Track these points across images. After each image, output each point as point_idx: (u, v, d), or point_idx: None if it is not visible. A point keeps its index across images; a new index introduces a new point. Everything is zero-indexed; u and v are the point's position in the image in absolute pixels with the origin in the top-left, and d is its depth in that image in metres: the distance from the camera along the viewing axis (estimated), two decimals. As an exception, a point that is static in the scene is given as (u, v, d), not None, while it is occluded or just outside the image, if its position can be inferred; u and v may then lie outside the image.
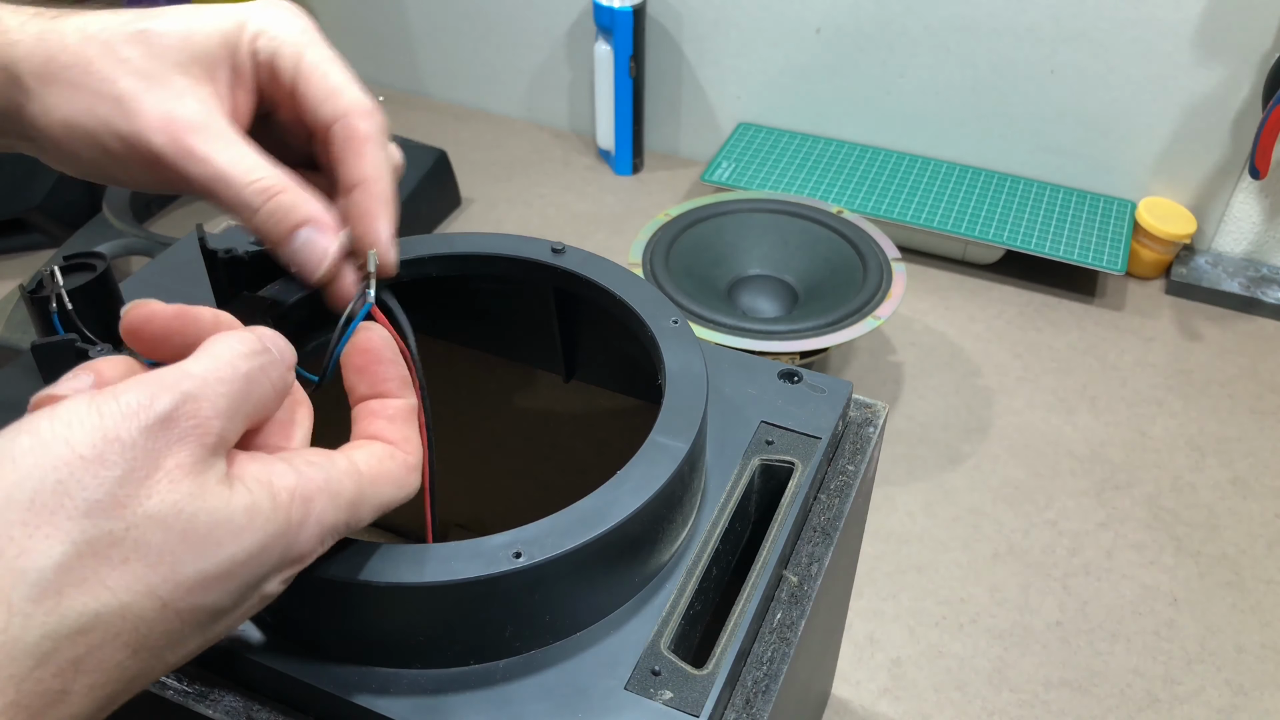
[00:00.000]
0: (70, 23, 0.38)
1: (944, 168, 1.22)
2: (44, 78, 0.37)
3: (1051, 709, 0.74)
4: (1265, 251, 1.15)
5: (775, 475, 0.45)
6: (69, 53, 0.37)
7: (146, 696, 0.37)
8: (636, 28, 1.21)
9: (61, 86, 0.37)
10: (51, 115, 0.37)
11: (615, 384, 0.53)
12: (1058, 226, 1.14)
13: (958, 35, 1.16)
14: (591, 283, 0.46)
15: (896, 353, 1.06)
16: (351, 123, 0.38)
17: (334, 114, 0.38)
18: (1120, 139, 1.16)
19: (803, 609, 0.41)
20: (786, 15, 1.22)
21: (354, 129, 0.38)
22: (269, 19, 0.39)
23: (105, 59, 0.37)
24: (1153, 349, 1.07)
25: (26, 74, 0.37)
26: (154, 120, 0.36)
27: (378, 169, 0.38)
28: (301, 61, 0.38)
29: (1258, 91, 1.06)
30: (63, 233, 1.14)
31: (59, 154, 0.38)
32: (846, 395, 0.48)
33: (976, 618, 0.81)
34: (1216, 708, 0.75)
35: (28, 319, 0.93)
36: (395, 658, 0.36)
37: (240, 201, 0.37)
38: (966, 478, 0.92)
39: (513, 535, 0.35)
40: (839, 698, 0.75)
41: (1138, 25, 1.08)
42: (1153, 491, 0.92)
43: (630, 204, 1.27)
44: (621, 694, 0.35)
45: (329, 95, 0.38)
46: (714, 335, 0.86)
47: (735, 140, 1.27)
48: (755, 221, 1.00)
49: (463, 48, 1.41)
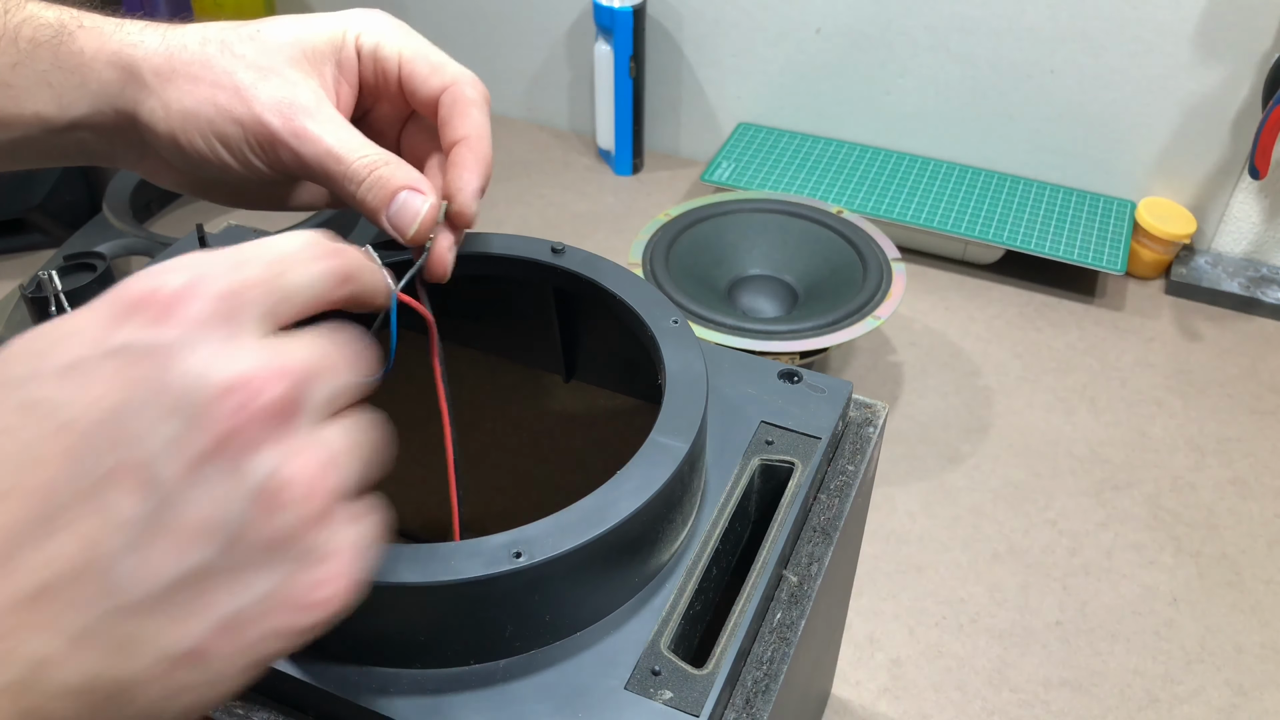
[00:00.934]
0: (189, 29, 0.42)
1: (944, 168, 1.22)
2: (165, 74, 0.40)
3: (1051, 709, 0.74)
4: (1265, 251, 1.15)
5: (775, 475, 0.45)
6: (189, 52, 0.41)
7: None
8: (636, 28, 1.21)
9: (181, 80, 0.40)
10: (171, 108, 0.40)
11: (615, 384, 0.53)
12: (1058, 226, 1.14)
13: (958, 35, 1.16)
14: (591, 283, 0.46)
15: (896, 353, 1.06)
16: (459, 89, 0.42)
17: (441, 84, 0.42)
18: (1120, 139, 1.16)
19: (803, 609, 0.41)
20: (786, 15, 1.22)
21: (460, 94, 0.42)
22: (369, 20, 0.43)
23: (223, 56, 0.41)
24: (1153, 349, 1.07)
25: (148, 72, 0.40)
26: (269, 104, 0.40)
27: (479, 128, 0.42)
28: (404, 49, 0.42)
29: (1257, 91, 1.06)
30: (63, 233, 1.14)
31: (173, 145, 0.41)
32: (846, 395, 0.48)
33: (976, 618, 0.81)
34: (1216, 707, 0.75)
35: (27, 319, 0.93)
36: (395, 658, 0.36)
37: (348, 174, 0.40)
38: (966, 478, 0.92)
39: (513, 535, 0.35)
40: (839, 698, 0.75)
41: (1138, 25, 1.08)
42: (1152, 491, 0.92)
43: (630, 204, 1.27)
44: (621, 694, 0.35)
45: (435, 70, 0.42)
46: (714, 335, 0.86)
47: (735, 140, 1.27)
48: (755, 221, 1.00)
49: (463, 48, 1.41)
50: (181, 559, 0.24)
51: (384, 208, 0.40)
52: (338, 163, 0.40)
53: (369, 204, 0.40)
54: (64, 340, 0.25)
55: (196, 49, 0.41)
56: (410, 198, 0.40)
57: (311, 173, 0.40)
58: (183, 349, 0.25)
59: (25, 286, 0.46)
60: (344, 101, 0.43)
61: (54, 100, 0.41)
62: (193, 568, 0.24)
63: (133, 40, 0.41)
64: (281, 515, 0.25)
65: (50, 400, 0.24)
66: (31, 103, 0.41)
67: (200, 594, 0.25)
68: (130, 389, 0.24)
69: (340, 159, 0.40)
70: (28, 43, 0.40)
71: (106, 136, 0.43)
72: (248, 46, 0.41)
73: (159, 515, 0.24)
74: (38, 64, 0.41)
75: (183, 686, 0.25)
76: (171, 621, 0.24)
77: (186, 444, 0.24)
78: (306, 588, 0.26)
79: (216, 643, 0.25)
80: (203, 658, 0.25)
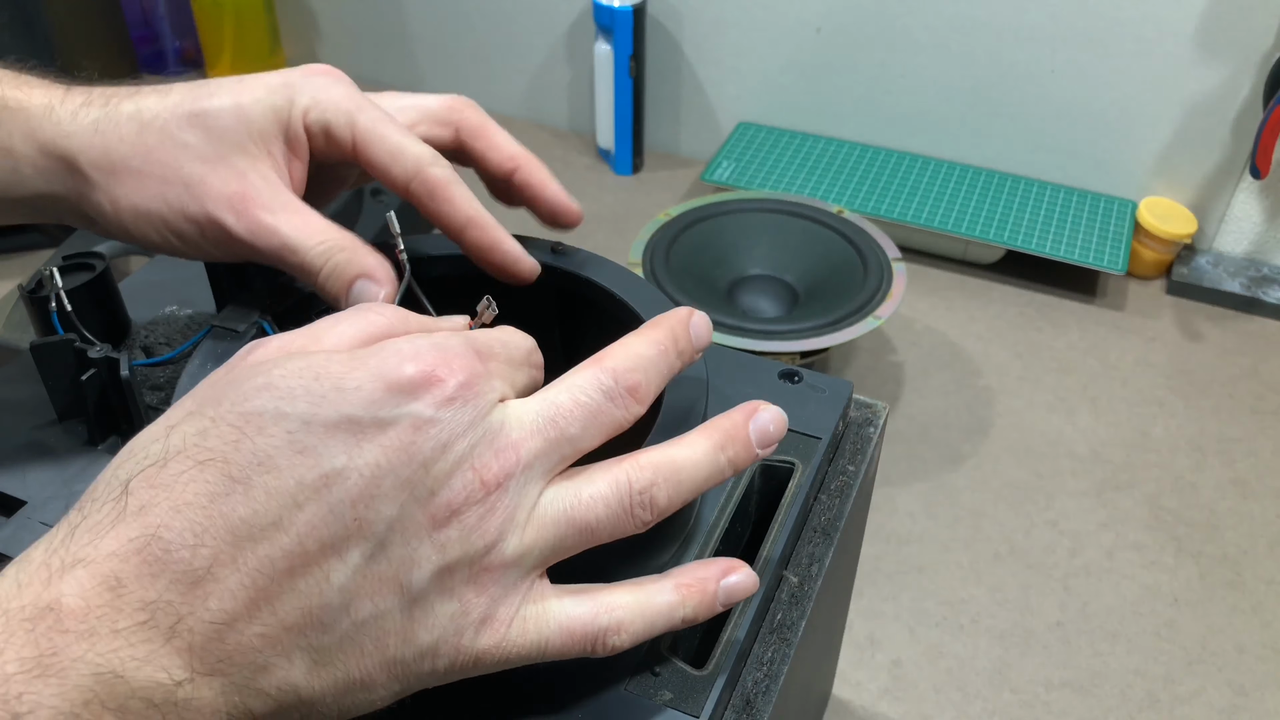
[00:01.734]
0: (123, 109, 0.40)
1: (944, 168, 1.22)
2: (105, 169, 0.39)
3: (1052, 709, 0.74)
4: (1266, 251, 1.15)
5: (775, 475, 0.44)
6: (127, 144, 0.39)
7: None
8: (636, 28, 1.21)
9: (125, 176, 0.39)
10: (120, 203, 0.39)
11: (615, 384, 0.53)
12: (1058, 226, 1.14)
13: (958, 35, 1.15)
14: (592, 283, 0.46)
15: (896, 353, 1.06)
16: (425, 176, 0.40)
17: (405, 174, 0.40)
18: (1120, 139, 1.16)
19: (803, 609, 0.41)
20: (786, 15, 1.21)
21: (430, 180, 0.40)
22: (315, 90, 0.41)
23: (165, 146, 0.39)
24: (1153, 349, 1.07)
25: (86, 165, 0.39)
26: (222, 200, 0.39)
27: (471, 206, 0.41)
28: (356, 128, 0.40)
29: (1258, 91, 1.06)
30: (63, 233, 1.14)
31: (126, 236, 0.40)
32: (847, 395, 0.48)
33: (977, 618, 0.81)
34: (1217, 708, 0.75)
35: (27, 319, 0.93)
36: (394, 658, 0.36)
37: (306, 264, 0.39)
38: (967, 478, 0.92)
39: (512, 535, 0.35)
40: (839, 698, 0.75)
41: (1138, 25, 1.08)
42: (1153, 492, 0.91)
43: (630, 204, 1.27)
44: (621, 694, 0.35)
45: (393, 158, 0.40)
46: (714, 335, 0.86)
47: (735, 140, 1.27)
48: (755, 221, 1.00)
49: (463, 48, 1.41)
50: (379, 603, 0.28)
51: (343, 296, 0.39)
52: (294, 253, 0.39)
53: (329, 293, 0.40)
54: (345, 394, 0.28)
55: (134, 139, 0.39)
56: (367, 287, 0.39)
57: (270, 263, 0.40)
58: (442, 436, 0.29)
59: (26, 285, 0.46)
60: (296, 178, 0.41)
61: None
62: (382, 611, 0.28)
63: (65, 130, 0.39)
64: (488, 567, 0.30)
65: (325, 450, 0.27)
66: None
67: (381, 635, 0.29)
68: (391, 456, 0.28)
69: (295, 249, 0.39)
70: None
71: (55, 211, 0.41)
72: (191, 133, 0.39)
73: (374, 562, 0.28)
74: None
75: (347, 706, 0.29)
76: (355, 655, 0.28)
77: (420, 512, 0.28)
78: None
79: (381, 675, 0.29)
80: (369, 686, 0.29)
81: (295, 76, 0.41)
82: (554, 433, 0.31)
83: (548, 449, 0.31)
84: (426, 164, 0.40)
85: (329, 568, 0.27)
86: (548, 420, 0.31)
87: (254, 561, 0.26)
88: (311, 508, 0.27)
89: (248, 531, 0.26)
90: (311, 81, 0.41)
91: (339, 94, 0.41)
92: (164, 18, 1.45)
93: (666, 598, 0.33)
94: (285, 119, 0.40)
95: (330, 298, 0.40)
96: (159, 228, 0.39)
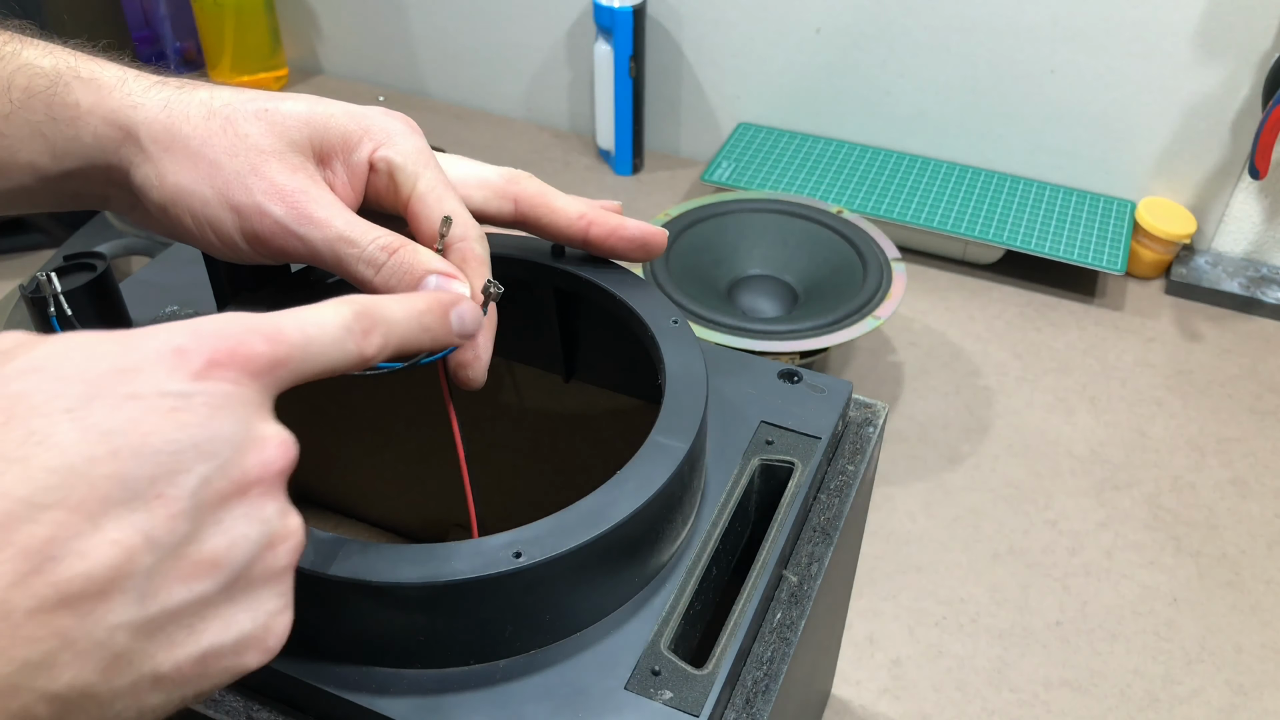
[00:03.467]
0: (197, 95, 0.40)
1: (944, 168, 1.22)
2: (163, 144, 0.39)
3: (1051, 709, 0.74)
4: (1265, 251, 1.15)
5: (775, 475, 0.45)
6: (190, 125, 0.39)
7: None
8: (636, 28, 1.21)
9: (180, 154, 0.39)
10: (166, 180, 0.39)
11: (615, 384, 0.53)
12: (1058, 226, 1.14)
13: (958, 35, 1.16)
14: (591, 283, 0.46)
15: (896, 353, 1.06)
16: (468, 247, 0.41)
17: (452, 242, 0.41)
18: (1120, 139, 1.16)
19: (803, 609, 0.41)
20: (786, 15, 1.22)
21: (470, 252, 0.41)
22: (390, 133, 0.41)
23: (226, 133, 0.39)
24: (1153, 349, 1.07)
25: (146, 138, 0.39)
26: (272, 191, 0.38)
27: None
28: (418, 183, 0.41)
29: (1257, 91, 1.06)
30: (63, 233, 1.14)
31: (162, 216, 0.40)
32: (846, 395, 0.48)
33: (976, 618, 0.81)
34: (1216, 708, 0.75)
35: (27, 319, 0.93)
36: (395, 658, 0.36)
37: (365, 258, 0.38)
38: (966, 478, 0.92)
39: (513, 535, 0.35)
40: (839, 698, 0.75)
41: (1138, 25, 1.08)
42: (1152, 491, 0.92)
43: (630, 204, 1.27)
44: (621, 694, 0.35)
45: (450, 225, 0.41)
46: (714, 335, 0.86)
47: (735, 140, 1.27)
48: (755, 221, 1.00)
49: (463, 48, 1.41)
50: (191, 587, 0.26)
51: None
52: (351, 246, 0.38)
53: (393, 288, 0.39)
54: (125, 374, 0.27)
55: (200, 122, 0.39)
56: (444, 284, 0.38)
57: (320, 258, 0.39)
58: (231, 404, 0.28)
59: (25, 286, 0.46)
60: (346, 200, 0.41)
61: (47, 151, 0.40)
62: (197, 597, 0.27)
63: (134, 101, 0.40)
64: (275, 560, 0.29)
65: (108, 425, 0.26)
66: (25, 152, 0.40)
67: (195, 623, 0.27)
68: (181, 430, 0.27)
69: (354, 242, 0.38)
70: (21, 92, 0.39)
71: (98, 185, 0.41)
72: (254, 125, 0.39)
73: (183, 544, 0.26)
74: (31, 115, 0.39)
75: (146, 706, 0.27)
76: (163, 646, 0.26)
77: (219, 483, 0.27)
78: (266, 634, 0.29)
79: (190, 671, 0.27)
80: (174, 683, 0.27)
81: (375, 113, 0.42)
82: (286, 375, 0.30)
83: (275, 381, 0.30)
84: (475, 238, 0.41)
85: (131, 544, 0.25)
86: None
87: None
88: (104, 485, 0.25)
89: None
90: (390, 123, 0.42)
91: (412, 145, 0.41)
92: (165, 18, 1.45)
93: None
94: (354, 146, 0.41)
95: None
96: (197, 211, 0.39)
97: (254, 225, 0.39)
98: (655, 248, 0.46)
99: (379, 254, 0.38)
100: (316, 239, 0.38)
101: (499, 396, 0.58)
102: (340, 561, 0.34)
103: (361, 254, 0.38)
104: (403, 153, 0.41)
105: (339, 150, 0.41)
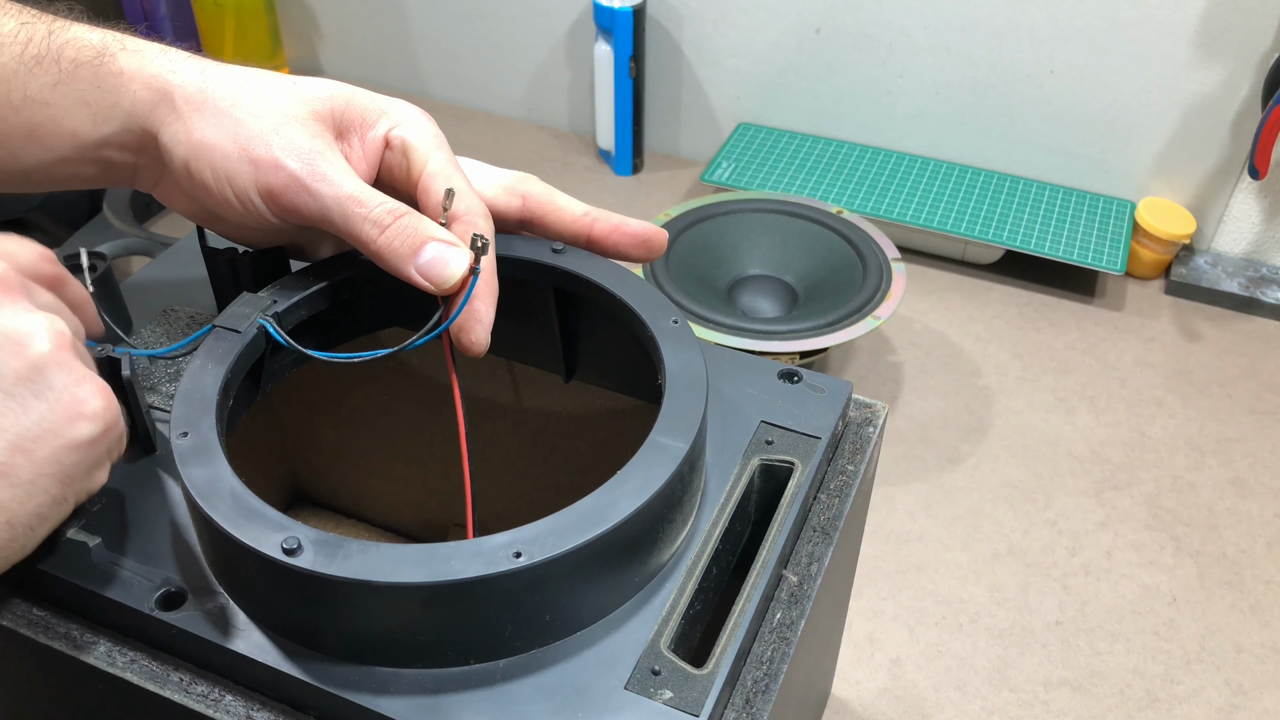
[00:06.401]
0: (231, 70, 0.43)
1: (944, 168, 1.22)
2: (195, 103, 0.42)
3: (1051, 709, 0.75)
4: (1265, 251, 1.15)
5: (775, 475, 0.45)
6: (223, 89, 0.42)
7: (144, 695, 0.37)
8: (636, 28, 1.21)
9: (208, 112, 0.42)
10: (193, 135, 0.41)
11: (615, 384, 0.53)
12: (1057, 226, 1.14)
13: (958, 35, 1.16)
14: (591, 283, 0.46)
15: (896, 353, 1.06)
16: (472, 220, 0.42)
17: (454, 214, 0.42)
18: (1120, 139, 1.16)
19: (803, 609, 0.41)
20: (786, 15, 1.22)
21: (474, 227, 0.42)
22: (407, 115, 0.44)
23: (255, 99, 0.42)
24: (1152, 349, 1.07)
25: (180, 98, 0.42)
26: (289, 149, 0.41)
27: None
28: (430, 163, 0.43)
29: (1257, 91, 1.06)
30: (63, 233, 1.14)
31: (184, 175, 0.42)
32: (846, 395, 0.48)
33: (976, 617, 0.81)
34: (1216, 707, 0.75)
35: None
36: (395, 657, 0.36)
37: (371, 217, 0.40)
38: (966, 478, 0.92)
39: (513, 535, 0.35)
40: (839, 697, 0.75)
41: (1137, 25, 1.08)
42: (1152, 491, 0.92)
43: (630, 204, 1.27)
44: (621, 694, 0.36)
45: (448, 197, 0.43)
46: (714, 335, 0.86)
47: (735, 140, 1.27)
48: (755, 221, 1.00)
49: (463, 48, 1.41)
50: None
51: (412, 256, 0.40)
52: (359, 205, 0.40)
53: (395, 250, 0.40)
54: None
55: (231, 86, 0.42)
56: (443, 252, 0.40)
57: (329, 217, 0.41)
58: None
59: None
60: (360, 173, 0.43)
61: (89, 118, 0.42)
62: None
63: (173, 68, 0.43)
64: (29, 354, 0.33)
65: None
66: (69, 120, 0.42)
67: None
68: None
69: (362, 202, 0.40)
70: (70, 63, 0.42)
71: (130, 153, 0.44)
72: (281, 94, 0.42)
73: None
74: (78, 84, 0.42)
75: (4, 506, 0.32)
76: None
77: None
78: (75, 402, 0.34)
79: (16, 461, 0.33)
80: (7, 475, 0.32)
81: (395, 99, 0.45)
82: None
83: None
84: (478, 213, 0.42)
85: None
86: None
87: None
88: None
89: None
90: (408, 108, 0.45)
91: (428, 129, 0.44)
92: (165, 18, 1.45)
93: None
94: (372, 123, 0.43)
95: (394, 256, 0.40)
96: (218, 164, 0.41)
97: (269, 179, 0.41)
98: (657, 246, 0.47)
99: (385, 216, 0.40)
100: (327, 195, 0.40)
101: (499, 396, 0.58)
102: (340, 561, 0.34)
103: (369, 214, 0.40)
104: (418, 134, 0.44)
105: (358, 126, 0.43)
